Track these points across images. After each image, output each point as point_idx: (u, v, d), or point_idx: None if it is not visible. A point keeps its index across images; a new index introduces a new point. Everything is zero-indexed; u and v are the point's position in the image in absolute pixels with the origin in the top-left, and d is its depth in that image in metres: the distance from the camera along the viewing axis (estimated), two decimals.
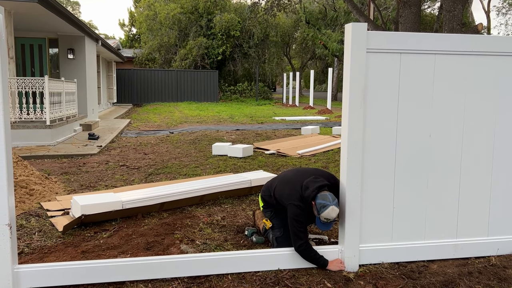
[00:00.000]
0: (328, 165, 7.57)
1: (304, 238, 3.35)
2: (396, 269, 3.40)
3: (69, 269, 3.08)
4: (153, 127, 13.76)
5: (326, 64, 42.75)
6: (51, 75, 13.07)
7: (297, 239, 3.34)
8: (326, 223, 3.32)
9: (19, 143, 9.18)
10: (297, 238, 3.34)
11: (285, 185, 3.64)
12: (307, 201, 3.38)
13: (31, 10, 9.53)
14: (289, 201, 3.46)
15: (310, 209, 3.40)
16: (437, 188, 3.56)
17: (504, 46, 3.53)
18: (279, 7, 18.21)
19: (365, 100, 3.33)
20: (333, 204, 3.24)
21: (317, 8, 33.51)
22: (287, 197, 3.52)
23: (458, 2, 8.13)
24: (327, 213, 3.23)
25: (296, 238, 3.35)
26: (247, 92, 30.83)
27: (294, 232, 3.37)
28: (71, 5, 59.88)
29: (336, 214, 3.27)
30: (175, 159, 8.14)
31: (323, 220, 3.28)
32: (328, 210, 3.22)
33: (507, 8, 35.15)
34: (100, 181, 6.31)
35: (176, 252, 3.66)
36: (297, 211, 3.39)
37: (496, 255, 3.65)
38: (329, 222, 3.30)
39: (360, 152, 3.35)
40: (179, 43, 30.10)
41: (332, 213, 3.24)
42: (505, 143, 3.63)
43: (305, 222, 3.44)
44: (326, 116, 18.77)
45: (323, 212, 3.24)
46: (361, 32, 3.25)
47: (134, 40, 41.69)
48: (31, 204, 5.00)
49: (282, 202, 3.60)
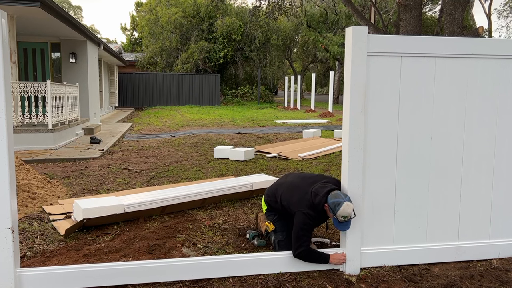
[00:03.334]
0: (330, 168, 7.57)
1: (306, 246, 3.34)
2: (397, 272, 3.40)
3: (71, 273, 3.09)
4: (155, 131, 13.78)
5: (327, 67, 42.78)
6: (53, 79, 13.13)
7: (299, 246, 3.32)
8: (344, 222, 3.27)
9: (21, 147, 9.20)
10: (299, 245, 3.32)
11: (293, 192, 3.61)
12: (319, 207, 3.35)
13: (33, 14, 9.58)
14: (299, 208, 3.43)
15: (320, 215, 3.40)
16: (439, 191, 3.56)
17: (505, 49, 3.53)
18: (280, 10, 18.26)
19: (366, 103, 3.34)
20: (346, 200, 3.23)
21: (318, 11, 33.57)
22: (296, 204, 3.49)
23: (458, 5, 8.15)
24: (342, 209, 3.20)
25: (297, 244, 3.33)
26: (249, 95, 30.86)
27: (297, 238, 3.34)
28: (73, 9, 60.14)
29: (351, 210, 3.23)
30: (177, 162, 8.15)
31: (341, 219, 3.24)
32: (343, 206, 3.20)
33: (508, 11, 35.17)
34: (102, 185, 6.32)
35: (178, 256, 3.66)
36: (305, 219, 3.36)
37: (498, 258, 3.64)
38: (346, 220, 3.25)
39: (361, 155, 3.35)
40: (181, 47, 30.18)
41: (347, 209, 3.20)
42: (506, 145, 3.64)
43: (310, 230, 3.43)
44: (327, 119, 18.77)
45: (339, 210, 3.21)
46: (362, 35, 3.27)
47: (136, 44, 41.85)
48: (33, 207, 5.02)
49: (289, 209, 3.58)
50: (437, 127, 3.51)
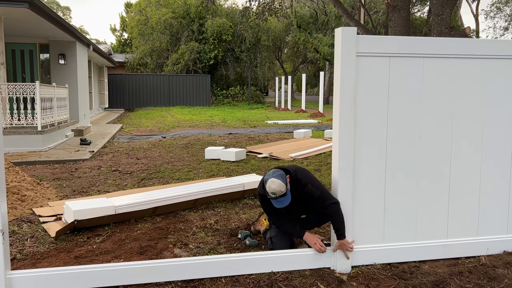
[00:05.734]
0: (321, 167, 7.61)
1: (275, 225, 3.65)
2: (388, 270, 3.44)
3: (62, 275, 3.07)
4: (146, 132, 13.73)
5: (317, 68, 42.96)
6: (42, 80, 13.00)
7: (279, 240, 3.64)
8: (275, 199, 3.31)
9: (10, 149, 9.11)
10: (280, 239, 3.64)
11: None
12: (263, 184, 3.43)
13: (21, 15, 9.49)
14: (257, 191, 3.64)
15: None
16: (427, 190, 3.61)
17: (491, 49, 3.60)
18: (270, 11, 18.28)
19: (355, 103, 3.38)
20: (272, 176, 3.29)
21: (308, 12, 33.70)
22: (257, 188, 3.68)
23: (446, 6, 8.25)
24: (268, 186, 3.29)
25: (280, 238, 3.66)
26: (240, 96, 30.87)
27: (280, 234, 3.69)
28: (61, 10, 59.60)
29: (276, 186, 3.26)
30: (168, 163, 8.13)
31: (270, 195, 3.31)
32: (268, 183, 3.29)
33: (495, 12, 35.63)
34: (92, 186, 6.29)
35: (169, 256, 3.66)
36: (260, 200, 3.64)
37: (486, 254, 3.70)
38: (276, 197, 3.29)
39: (351, 155, 3.39)
40: (171, 48, 30.08)
41: (271, 185, 3.26)
42: (494, 144, 3.70)
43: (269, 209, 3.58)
44: (318, 119, 18.85)
45: (266, 187, 3.31)
46: (351, 36, 3.30)
47: (126, 45, 41.58)
48: (23, 210, 4.97)
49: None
50: (425, 127, 3.56)
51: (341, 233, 3.36)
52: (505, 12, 35.29)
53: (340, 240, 3.38)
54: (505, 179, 3.75)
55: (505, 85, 3.66)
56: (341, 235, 3.36)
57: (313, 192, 3.40)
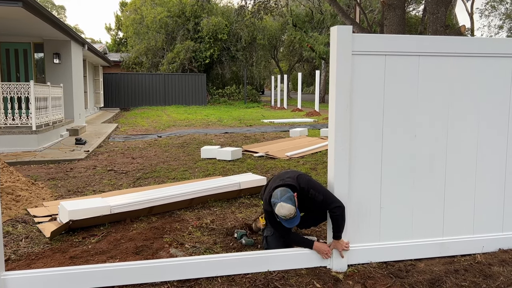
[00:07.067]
0: (317, 166, 7.62)
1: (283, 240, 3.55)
2: (384, 268, 3.44)
3: (57, 275, 3.05)
4: (141, 131, 13.68)
5: (313, 67, 42.97)
6: (37, 80, 12.92)
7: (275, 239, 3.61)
8: (284, 220, 3.28)
9: (4, 149, 9.05)
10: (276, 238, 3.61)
11: (265, 191, 3.69)
12: (270, 203, 3.38)
13: (15, 14, 9.42)
14: (263, 207, 3.60)
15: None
16: (423, 188, 3.61)
17: (486, 47, 3.60)
18: (266, 10, 18.28)
19: (351, 101, 3.37)
20: (280, 201, 3.22)
21: (304, 11, 33.70)
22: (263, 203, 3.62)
23: (441, 4, 8.27)
24: (277, 210, 3.25)
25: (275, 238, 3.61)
26: (235, 95, 30.83)
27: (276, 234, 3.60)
28: (56, 9, 59.30)
29: (286, 211, 3.20)
30: (164, 163, 8.11)
31: (280, 218, 3.28)
32: (277, 207, 3.24)
33: (489, 10, 35.81)
34: (87, 186, 6.26)
35: (165, 256, 3.65)
36: (266, 215, 3.57)
37: (481, 252, 3.71)
38: (286, 219, 3.25)
39: (347, 153, 3.39)
40: (167, 47, 30.00)
41: (281, 210, 3.21)
42: (489, 142, 3.71)
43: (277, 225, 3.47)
44: (314, 118, 18.86)
45: (275, 210, 3.27)
46: (347, 34, 3.30)
47: (121, 44, 41.44)
48: (17, 210, 4.94)
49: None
50: (421, 125, 3.56)
51: (340, 234, 3.39)
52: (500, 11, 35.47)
53: (336, 240, 3.39)
54: (500, 177, 3.76)
55: (500, 82, 3.67)
56: (339, 236, 3.39)
57: (316, 197, 3.40)
